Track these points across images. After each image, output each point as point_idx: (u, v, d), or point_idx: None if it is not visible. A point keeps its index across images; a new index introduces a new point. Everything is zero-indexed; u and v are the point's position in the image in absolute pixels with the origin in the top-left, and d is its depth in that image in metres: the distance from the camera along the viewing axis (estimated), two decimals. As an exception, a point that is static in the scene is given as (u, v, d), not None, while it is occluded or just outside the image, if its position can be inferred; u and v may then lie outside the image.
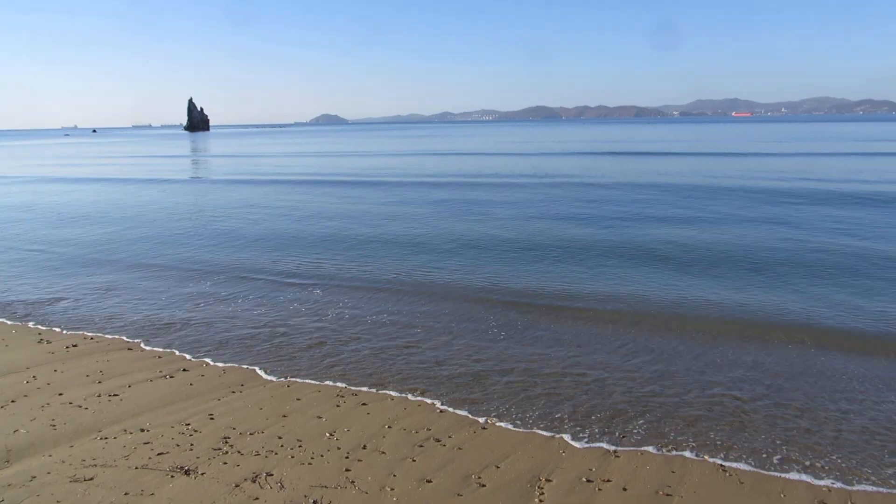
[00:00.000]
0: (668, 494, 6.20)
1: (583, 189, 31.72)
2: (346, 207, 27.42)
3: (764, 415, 7.98)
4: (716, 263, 15.79)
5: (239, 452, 7.04)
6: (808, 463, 6.82)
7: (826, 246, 17.43)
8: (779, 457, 6.97)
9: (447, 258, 16.95)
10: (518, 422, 7.87)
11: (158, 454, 7.00)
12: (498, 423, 7.82)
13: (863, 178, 34.50)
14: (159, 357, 10.30)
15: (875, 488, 6.34)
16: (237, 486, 6.34)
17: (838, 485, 6.42)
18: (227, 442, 7.29)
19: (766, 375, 9.15)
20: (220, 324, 11.91)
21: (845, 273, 14.61)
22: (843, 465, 6.79)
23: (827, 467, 6.74)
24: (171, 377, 9.40)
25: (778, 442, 7.29)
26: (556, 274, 15.07)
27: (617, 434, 7.52)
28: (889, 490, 6.30)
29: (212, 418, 7.95)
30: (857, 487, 6.36)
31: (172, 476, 6.53)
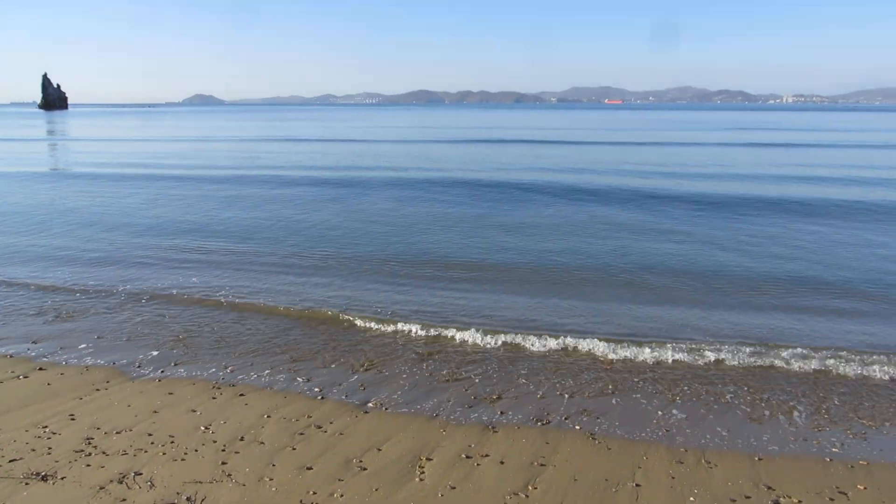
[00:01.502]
0: (542, 465, 6.49)
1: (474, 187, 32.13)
2: (209, 207, 26.28)
3: (625, 388, 8.52)
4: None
5: (104, 453, 6.63)
6: (666, 430, 7.35)
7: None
8: (643, 425, 7.47)
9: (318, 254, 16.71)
10: (400, 405, 7.93)
11: (10, 461, 6.46)
12: (380, 408, 7.84)
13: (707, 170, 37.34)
14: (10, 356, 9.46)
15: (719, 448, 6.96)
16: (102, 488, 5.98)
17: (693, 443, 6.99)
18: (90, 443, 6.84)
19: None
20: (83, 322, 11.10)
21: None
22: (691, 431, 7.38)
23: (682, 433, 7.31)
24: (26, 377, 8.67)
25: (641, 413, 7.82)
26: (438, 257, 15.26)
27: (497, 411, 7.76)
28: (730, 448, 6.94)
29: (73, 419, 7.42)
30: (708, 448, 6.95)
31: (27, 483, 6.05)
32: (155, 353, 9.60)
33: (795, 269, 14.19)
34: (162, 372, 8.91)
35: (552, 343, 9.88)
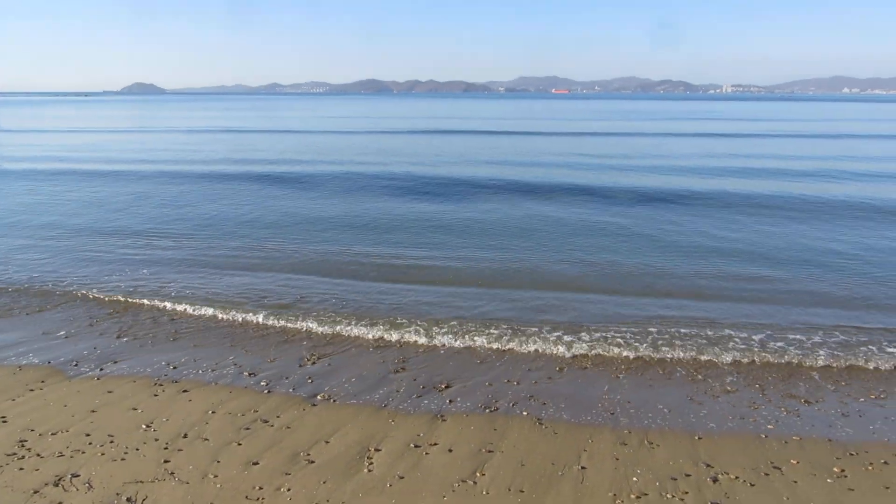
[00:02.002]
0: (490, 451, 6.55)
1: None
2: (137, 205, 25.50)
3: (572, 373, 8.67)
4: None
5: (38, 456, 6.38)
6: (611, 413, 7.51)
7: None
8: (588, 409, 7.61)
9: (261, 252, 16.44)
10: (348, 396, 7.88)
11: (-64, 467, 6.16)
12: (328, 400, 7.77)
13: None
14: (-63, 358, 9.02)
15: (661, 428, 7.16)
16: (36, 492, 5.76)
17: (636, 425, 7.17)
18: (23, 446, 6.58)
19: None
20: (15, 320, 10.65)
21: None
22: (635, 413, 7.57)
23: (626, 414, 7.48)
24: (-47, 380, 8.28)
25: (587, 397, 7.97)
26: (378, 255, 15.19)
27: (446, 400, 7.79)
28: (672, 428, 7.14)
29: (4, 422, 7.12)
30: (651, 428, 7.13)
31: (-45, 490, 5.78)
32: (94, 350, 9.28)
33: (732, 255, 14.66)
34: (101, 370, 8.62)
35: (500, 332, 9.96)
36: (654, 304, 11.29)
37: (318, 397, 7.84)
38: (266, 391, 7.99)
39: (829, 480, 6.08)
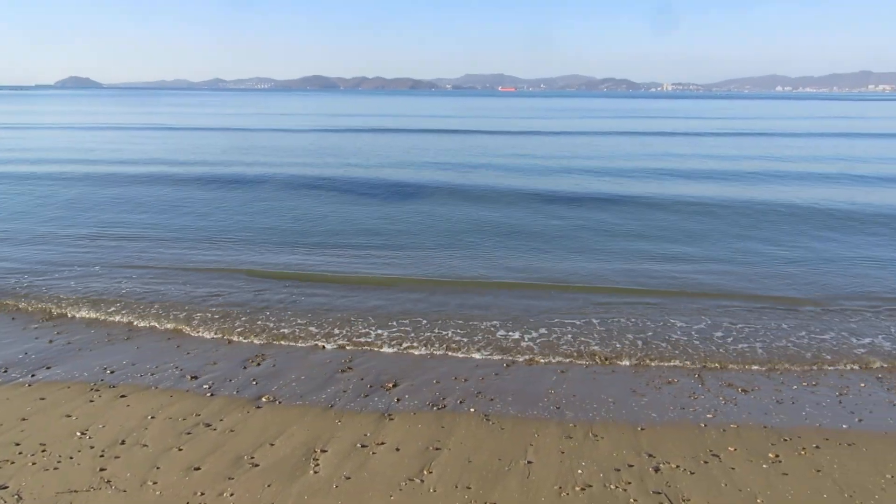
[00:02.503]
0: (437, 449, 6.54)
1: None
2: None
3: (519, 368, 8.75)
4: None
5: (-37, 468, 6.07)
6: (557, 407, 7.60)
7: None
8: (535, 403, 7.69)
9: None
10: (294, 398, 7.75)
11: None
12: (273, 402, 7.63)
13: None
14: None
15: (605, 420, 7.29)
16: (-39, 506, 5.48)
17: (581, 417, 7.28)
18: (-53, 458, 6.25)
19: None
20: (-63, 322, 10.12)
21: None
22: (580, 405, 7.69)
23: (572, 407, 7.59)
24: None
25: (533, 391, 8.05)
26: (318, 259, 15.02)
27: (394, 398, 7.74)
28: (616, 420, 7.28)
29: (-74, 433, 6.75)
30: (596, 421, 7.25)
31: None
32: (25, 355, 8.89)
33: (667, 252, 15.06)
34: (33, 376, 8.26)
35: (447, 330, 9.98)
36: (595, 299, 11.48)
37: (263, 399, 7.69)
38: (209, 394, 7.79)
39: (764, 466, 6.29)
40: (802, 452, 6.57)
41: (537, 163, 31.67)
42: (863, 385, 8.32)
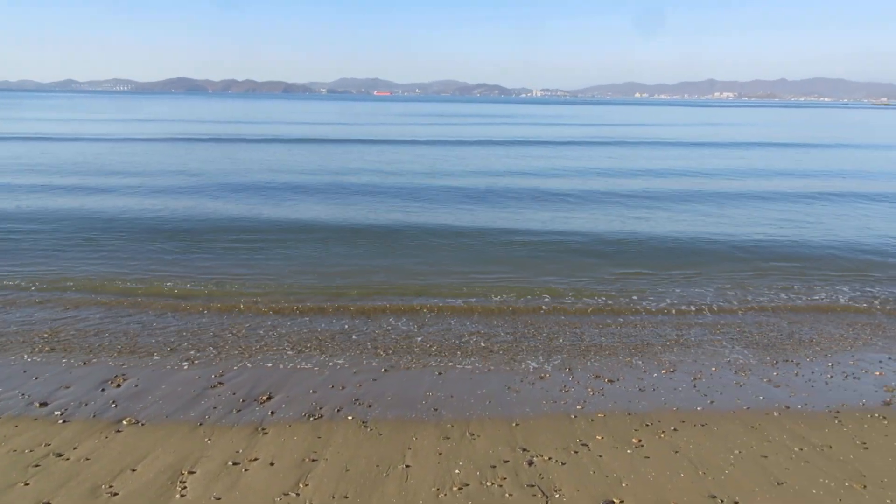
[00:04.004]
0: (313, 460, 6.38)
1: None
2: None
3: (397, 371, 8.75)
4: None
5: None
6: (435, 408, 7.66)
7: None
8: (413, 405, 7.70)
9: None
10: (159, 417, 7.29)
11: None
12: (135, 424, 7.14)
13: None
14: None
15: (481, 417, 7.43)
16: None
17: (458, 417, 7.37)
18: None
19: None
20: None
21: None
22: (457, 405, 7.80)
23: (449, 407, 7.67)
24: None
25: (411, 394, 8.06)
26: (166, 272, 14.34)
27: (268, 411, 7.48)
28: (492, 417, 7.44)
29: None
30: (472, 419, 7.37)
31: None
32: None
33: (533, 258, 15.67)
34: None
35: (322, 339, 9.81)
36: (466, 300, 11.71)
37: (124, 422, 7.17)
38: (61, 421, 7.16)
39: (628, 451, 6.65)
40: (662, 435, 7.01)
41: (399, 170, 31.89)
42: (714, 369, 9.02)
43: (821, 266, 14.60)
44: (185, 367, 8.71)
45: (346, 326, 10.39)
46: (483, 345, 9.73)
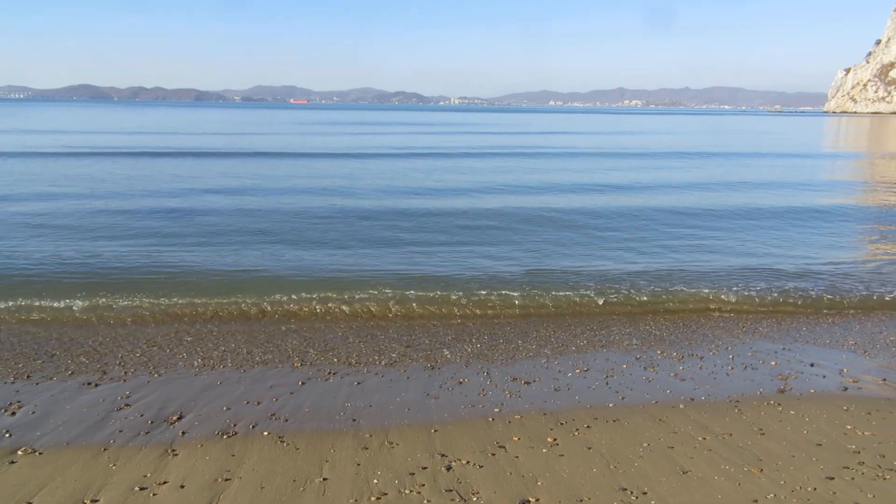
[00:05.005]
0: (227, 479, 6.19)
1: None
2: None
3: (315, 383, 8.63)
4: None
5: None
6: (353, 419, 7.59)
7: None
8: (331, 417, 7.60)
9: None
10: (59, 445, 6.90)
11: None
12: (32, 453, 6.72)
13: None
14: None
15: (400, 425, 7.43)
16: None
17: (377, 426, 7.34)
18: None
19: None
20: None
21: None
22: (377, 414, 7.78)
23: (368, 417, 7.63)
24: None
25: (329, 405, 7.97)
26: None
27: (178, 431, 7.20)
28: (411, 423, 7.45)
29: None
30: (391, 428, 7.35)
31: None
32: None
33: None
34: None
35: (234, 355, 9.54)
36: (386, 309, 11.70)
37: (20, 452, 6.73)
38: (-53, 455, 6.66)
39: (544, 450, 6.80)
40: (576, 433, 7.22)
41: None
42: (625, 367, 9.36)
43: (722, 266, 15.43)
44: (88, 389, 8.28)
45: (263, 339, 10.18)
46: (403, 352, 9.75)
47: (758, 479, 6.24)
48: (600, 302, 12.20)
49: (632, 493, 5.98)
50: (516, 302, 12.09)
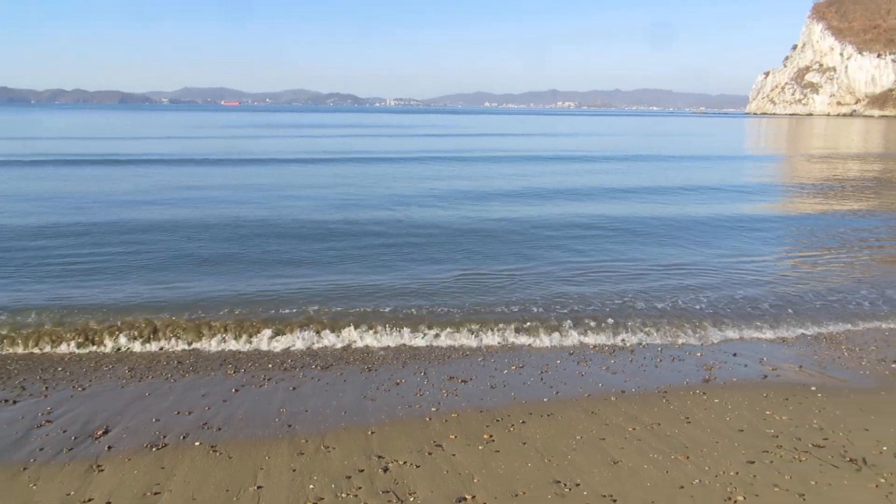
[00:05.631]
0: (156, 493, 6.02)
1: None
2: None
3: (249, 389, 8.48)
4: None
5: None
6: (289, 425, 7.50)
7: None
8: (266, 424, 7.48)
9: None
10: (-27, 466, 6.55)
11: None
12: (-57, 476, 6.35)
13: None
14: None
15: (336, 429, 7.38)
16: None
17: (313, 431, 7.27)
18: None
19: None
20: None
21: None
22: (313, 419, 7.70)
23: (304, 422, 7.54)
24: None
25: (264, 412, 7.84)
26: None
27: (104, 446, 6.94)
28: (347, 427, 7.41)
29: None
30: (327, 432, 7.29)
31: None
32: None
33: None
34: None
35: (165, 364, 9.27)
36: (290, 313, 11.60)
37: (-72, 476, 6.36)
38: None
39: (480, 447, 6.89)
40: (511, 429, 7.33)
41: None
42: (559, 362, 9.56)
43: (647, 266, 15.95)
44: (6, 407, 7.88)
45: (193, 346, 9.91)
46: (339, 355, 9.68)
47: (684, 466, 6.49)
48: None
49: (565, 485, 6.12)
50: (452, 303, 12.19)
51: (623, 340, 10.52)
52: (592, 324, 10.99)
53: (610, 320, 11.18)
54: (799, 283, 13.97)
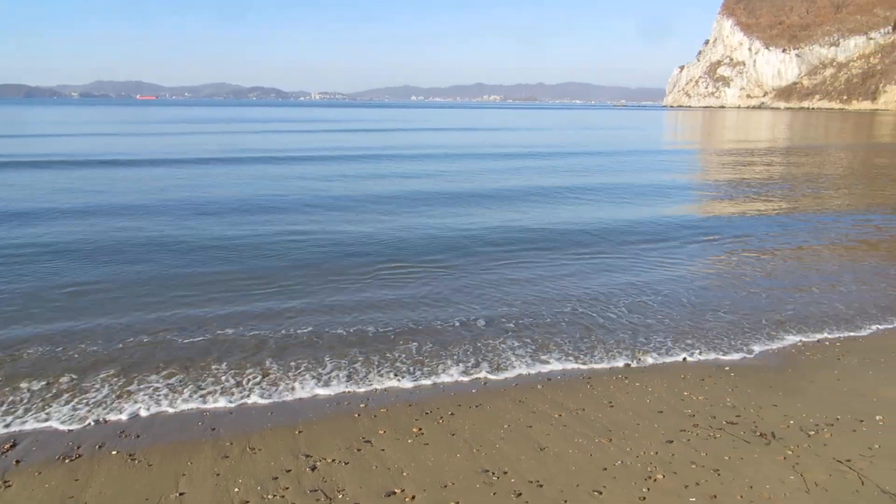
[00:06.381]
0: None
1: None
2: None
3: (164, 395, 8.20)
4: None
5: None
6: (212, 428, 7.29)
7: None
8: (187, 429, 7.25)
9: None
10: None
11: None
12: None
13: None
14: None
15: (262, 430, 7.24)
16: None
17: (238, 433, 7.09)
18: None
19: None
20: None
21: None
22: (237, 421, 7.52)
23: (228, 425, 7.35)
24: None
25: (185, 416, 7.59)
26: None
27: (11, 461, 6.55)
28: (274, 427, 7.27)
29: None
30: (253, 434, 7.14)
31: None
32: None
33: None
34: None
35: (83, 371, 8.85)
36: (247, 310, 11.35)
37: None
38: None
39: (409, 441, 6.90)
40: (440, 421, 7.37)
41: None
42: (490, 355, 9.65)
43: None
44: None
45: (104, 351, 9.48)
46: (264, 356, 9.46)
47: (607, 449, 6.70)
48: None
49: (493, 473, 6.21)
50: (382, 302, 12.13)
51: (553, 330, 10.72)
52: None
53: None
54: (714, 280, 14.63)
